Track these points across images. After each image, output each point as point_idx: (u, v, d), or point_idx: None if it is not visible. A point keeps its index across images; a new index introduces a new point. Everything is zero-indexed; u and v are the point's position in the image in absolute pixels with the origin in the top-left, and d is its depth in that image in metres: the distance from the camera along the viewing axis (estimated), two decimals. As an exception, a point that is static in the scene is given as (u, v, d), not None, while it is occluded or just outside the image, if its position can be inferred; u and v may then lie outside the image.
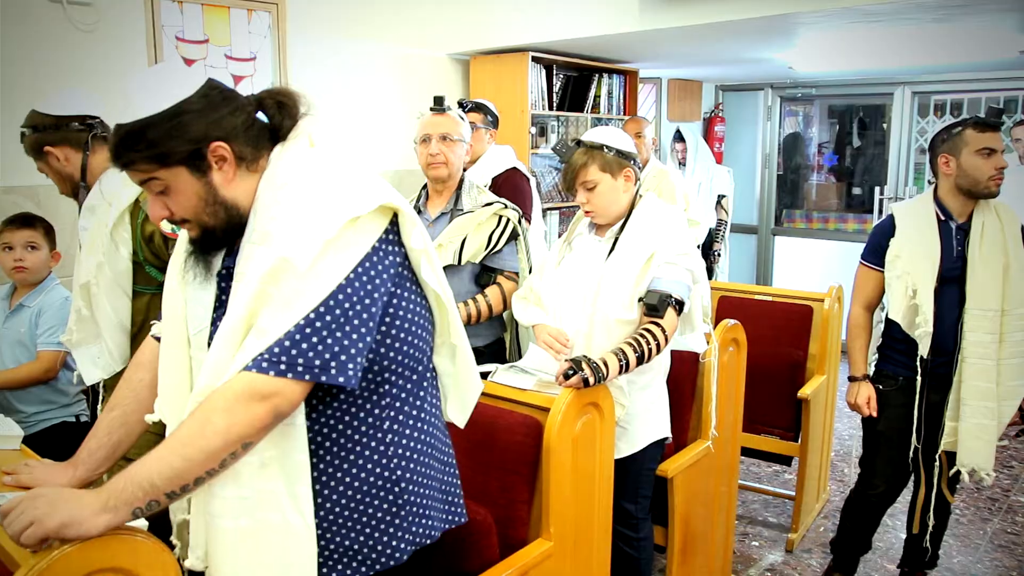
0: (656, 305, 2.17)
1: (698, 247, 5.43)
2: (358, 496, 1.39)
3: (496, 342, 2.66)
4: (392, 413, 1.42)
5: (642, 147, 4.39)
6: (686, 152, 5.98)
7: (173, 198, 1.35)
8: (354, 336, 1.28)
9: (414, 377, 1.45)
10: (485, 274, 2.60)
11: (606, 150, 2.28)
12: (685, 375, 2.64)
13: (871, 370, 2.70)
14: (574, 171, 2.30)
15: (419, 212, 2.69)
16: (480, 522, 1.87)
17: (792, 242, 7.09)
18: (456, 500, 1.60)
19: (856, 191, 7.07)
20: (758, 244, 7.19)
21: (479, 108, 3.60)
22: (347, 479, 1.38)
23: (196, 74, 1.36)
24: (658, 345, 2.14)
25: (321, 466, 1.37)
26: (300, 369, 1.24)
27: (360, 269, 1.30)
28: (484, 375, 2.24)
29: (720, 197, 5.82)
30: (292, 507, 1.31)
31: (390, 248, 1.37)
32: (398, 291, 1.39)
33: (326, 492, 1.37)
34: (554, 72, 4.91)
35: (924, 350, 2.50)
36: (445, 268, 2.54)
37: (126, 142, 1.31)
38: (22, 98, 2.94)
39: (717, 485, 2.76)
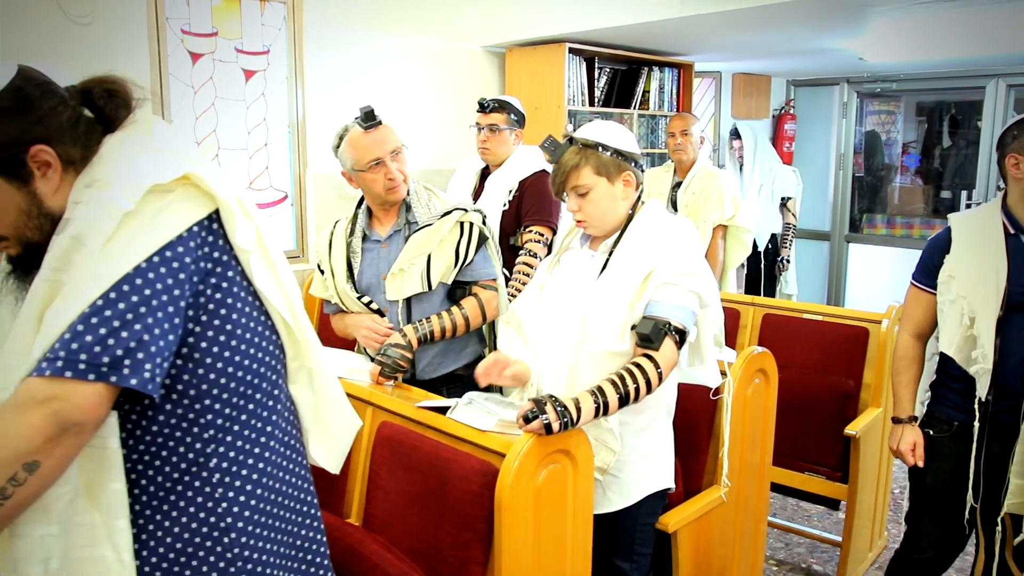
0: (650, 335, 1.83)
1: (758, 253, 5.06)
2: (178, 545, 1.17)
3: (477, 362, 2.36)
4: (219, 448, 1.19)
5: (688, 145, 4.05)
6: (743, 150, 5.52)
7: None
8: (155, 331, 1.05)
9: (249, 406, 1.22)
10: (458, 289, 2.30)
11: (602, 149, 1.94)
12: (700, 412, 2.29)
13: (921, 411, 2.27)
14: (564, 173, 1.97)
15: (365, 237, 2.36)
16: (413, 591, 1.59)
17: (869, 250, 6.52)
18: (319, 560, 1.36)
19: (945, 194, 6.46)
20: (830, 252, 6.64)
21: (501, 107, 3.22)
22: (167, 523, 1.17)
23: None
24: (648, 383, 1.80)
25: (137, 507, 1.16)
26: (82, 367, 1.01)
27: (168, 253, 1.08)
28: (444, 410, 1.96)
29: (784, 199, 5.32)
30: (109, 542, 1.11)
31: (209, 239, 1.15)
32: (217, 296, 1.15)
33: (144, 537, 1.16)
34: (596, 65, 4.56)
35: (982, 391, 2.06)
36: (415, 296, 2.28)
37: None
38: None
39: (738, 530, 2.38)
